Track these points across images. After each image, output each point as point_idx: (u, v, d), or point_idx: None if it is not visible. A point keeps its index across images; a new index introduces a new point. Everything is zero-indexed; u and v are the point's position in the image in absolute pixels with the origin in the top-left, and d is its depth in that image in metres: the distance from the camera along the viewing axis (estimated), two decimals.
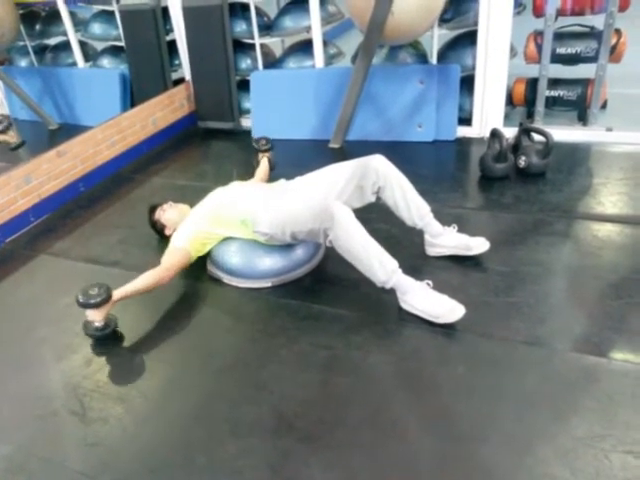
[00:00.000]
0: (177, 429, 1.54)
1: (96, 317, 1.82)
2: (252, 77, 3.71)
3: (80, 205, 3.03)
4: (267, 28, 3.75)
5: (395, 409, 1.52)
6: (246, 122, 3.88)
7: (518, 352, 1.66)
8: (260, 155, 2.79)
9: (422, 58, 3.43)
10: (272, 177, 2.51)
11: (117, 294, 1.85)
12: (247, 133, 3.74)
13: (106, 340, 1.89)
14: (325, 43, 3.59)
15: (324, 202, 1.88)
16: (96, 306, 1.79)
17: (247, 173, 2.68)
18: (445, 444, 1.40)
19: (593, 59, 3.00)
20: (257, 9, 3.63)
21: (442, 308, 1.76)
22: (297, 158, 3.30)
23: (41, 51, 4.78)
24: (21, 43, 4.71)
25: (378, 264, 1.78)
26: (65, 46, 4.54)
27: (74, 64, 4.49)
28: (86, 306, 1.79)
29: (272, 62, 3.88)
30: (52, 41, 4.77)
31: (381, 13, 2.83)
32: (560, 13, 3.00)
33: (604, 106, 3.31)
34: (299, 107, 3.60)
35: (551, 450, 1.34)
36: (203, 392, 1.65)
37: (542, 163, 2.68)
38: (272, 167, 2.77)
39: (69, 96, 4.48)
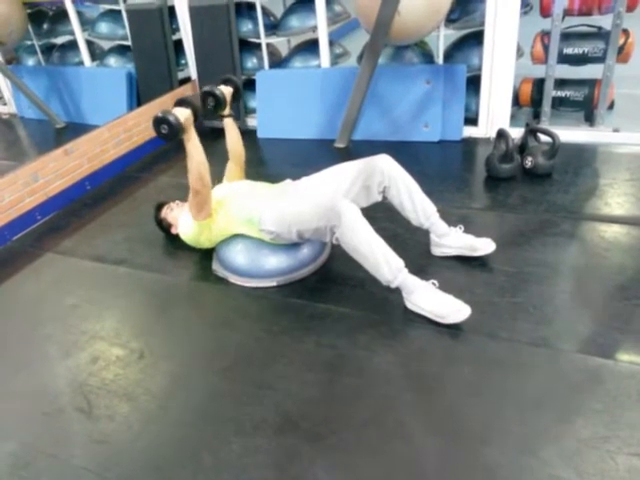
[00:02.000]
0: (182, 427, 1.54)
1: (183, 113, 1.92)
2: (258, 76, 3.72)
3: (86, 204, 3.04)
4: (273, 28, 3.75)
5: (400, 409, 1.52)
6: (252, 121, 3.89)
7: (523, 353, 1.65)
8: (219, 117, 2.40)
9: (428, 58, 3.42)
10: (275, 176, 2.46)
11: (193, 131, 1.99)
12: (253, 132, 3.75)
13: (111, 340, 1.90)
14: (331, 43, 3.59)
15: (331, 200, 1.88)
16: (192, 106, 1.95)
17: (252, 171, 2.66)
18: (450, 444, 1.40)
19: (600, 59, 2.99)
20: (263, 9, 3.63)
21: (448, 308, 1.76)
22: (303, 158, 3.31)
23: (48, 50, 4.81)
24: (29, 42, 4.74)
25: (384, 263, 1.78)
26: (72, 45, 4.56)
27: (81, 63, 4.52)
28: (185, 101, 1.96)
29: (278, 62, 3.88)
30: (59, 40, 4.79)
31: (387, 13, 2.83)
32: (567, 13, 2.98)
33: (611, 107, 3.30)
34: (305, 107, 3.60)
35: (556, 451, 1.34)
36: (208, 391, 1.66)
37: (548, 164, 2.67)
38: (238, 96, 2.40)
39: (76, 95, 4.50)
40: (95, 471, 1.43)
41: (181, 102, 2.00)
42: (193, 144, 1.99)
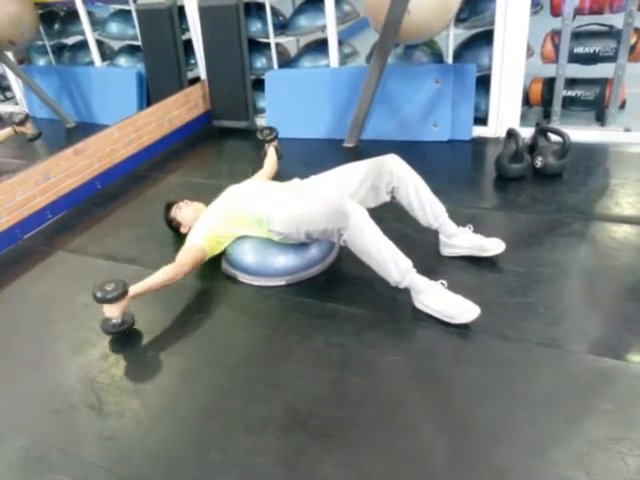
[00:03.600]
0: (191, 424, 1.55)
1: (113, 312, 1.84)
2: (267, 76, 3.73)
3: (96, 203, 3.06)
4: (282, 27, 3.76)
5: (409, 409, 1.52)
6: (261, 121, 3.90)
7: (533, 353, 1.65)
8: (266, 145, 2.86)
9: (438, 57, 3.41)
10: (282, 176, 2.51)
11: (133, 290, 1.87)
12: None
13: (123, 336, 1.91)
14: (340, 42, 3.60)
15: (339, 201, 1.88)
16: (112, 301, 1.81)
17: (260, 168, 2.68)
18: (459, 445, 1.40)
19: (612, 58, 2.96)
20: (272, 8, 3.64)
21: (457, 308, 1.76)
22: (311, 157, 3.31)
23: (59, 50, 4.85)
24: (40, 42, 4.78)
25: (392, 263, 1.78)
26: (83, 45, 4.60)
27: (91, 63, 4.55)
28: (103, 301, 1.81)
29: (287, 61, 3.89)
30: (70, 40, 4.83)
31: (397, 12, 2.82)
32: (578, 12, 2.97)
33: (622, 106, 3.27)
34: (313, 106, 3.60)
35: (566, 453, 1.34)
36: (217, 388, 1.66)
37: (559, 163, 2.66)
38: (279, 156, 2.85)
39: (86, 95, 4.54)
40: (105, 467, 1.44)
41: (100, 300, 1.82)
42: (145, 290, 1.90)
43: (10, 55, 4.45)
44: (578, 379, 1.55)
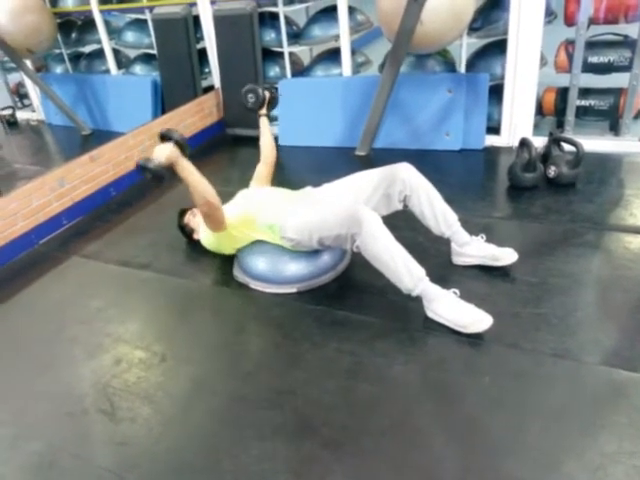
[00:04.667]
0: (202, 431, 1.56)
1: (162, 152, 1.84)
2: (280, 85, 3.76)
3: (111, 209, 3.10)
4: (296, 37, 3.79)
5: (420, 418, 1.51)
6: (273, 129, 3.91)
7: (546, 364, 1.63)
8: (257, 115, 2.58)
9: (450, 67, 3.42)
10: (297, 183, 2.48)
11: (185, 161, 1.91)
12: (274, 140, 3.77)
13: (135, 341, 1.93)
14: (353, 52, 3.62)
15: (352, 208, 1.89)
16: (178, 140, 1.86)
17: (274, 179, 2.69)
18: (470, 456, 1.39)
19: (626, 68, 2.95)
20: (286, 18, 3.67)
21: (469, 318, 1.75)
22: (323, 165, 3.33)
23: (76, 58, 4.94)
24: (57, 51, 4.87)
25: (405, 271, 1.78)
26: (99, 54, 4.68)
27: (107, 71, 4.63)
28: (170, 132, 1.86)
29: (300, 70, 3.92)
30: (87, 49, 4.92)
31: (410, 22, 2.84)
32: (592, 22, 2.96)
33: (637, 116, 3.25)
34: (326, 115, 3.62)
35: (579, 465, 1.32)
36: (229, 395, 1.67)
37: (572, 173, 2.64)
38: (274, 104, 2.62)
39: (102, 102, 4.61)
40: (116, 472, 1.45)
41: (163, 136, 1.93)
42: (188, 174, 1.93)
43: (28, 63, 4.54)
44: (592, 391, 1.53)
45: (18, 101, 5.44)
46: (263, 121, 2.58)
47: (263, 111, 2.56)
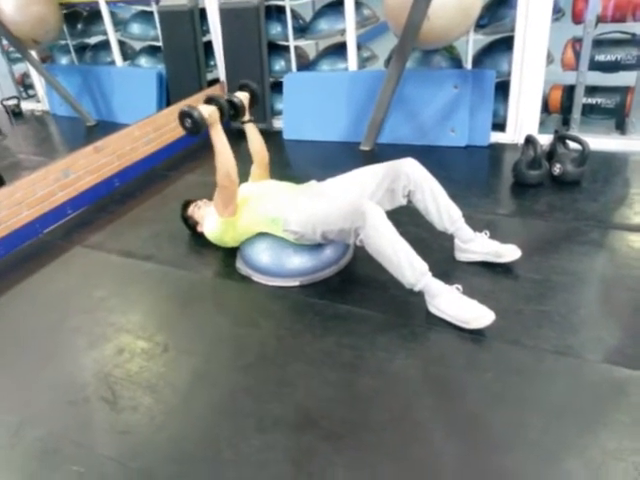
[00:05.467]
0: (204, 421, 1.56)
1: (207, 109, 2.02)
2: (285, 79, 3.75)
3: (115, 200, 3.10)
4: (302, 30, 3.78)
5: (420, 413, 1.52)
6: (278, 123, 3.92)
7: (548, 361, 1.63)
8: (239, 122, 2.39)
9: (457, 63, 3.41)
10: (301, 177, 2.47)
11: (219, 125, 2.08)
12: (279, 134, 3.78)
13: (138, 333, 1.94)
14: (359, 46, 3.61)
15: (356, 201, 1.89)
16: (220, 106, 2.06)
17: (278, 172, 2.68)
18: (470, 451, 1.39)
19: (634, 67, 2.93)
20: (293, 11, 3.66)
21: (471, 313, 1.75)
22: (328, 160, 3.33)
23: (81, 50, 4.93)
24: (63, 42, 4.86)
25: (408, 265, 1.78)
26: (105, 45, 4.67)
27: (113, 63, 4.62)
28: (214, 99, 2.07)
29: (306, 64, 3.91)
30: (92, 40, 4.92)
31: (417, 17, 2.83)
32: (600, 20, 2.94)
33: None
34: (331, 109, 3.62)
35: (580, 462, 1.32)
36: (230, 386, 1.67)
37: (577, 171, 2.63)
38: (256, 101, 2.38)
39: (107, 94, 4.61)
40: (118, 460, 1.46)
41: (209, 100, 2.09)
42: (219, 140, 2.07)
43: (34, 54, 4.54)
44: (593, 389, 1.53)
45: (23, 91, 5.44)
46: (249, 128, 2.43)
47: (245, 118, 2.36)
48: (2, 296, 2.28)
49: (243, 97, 2.27)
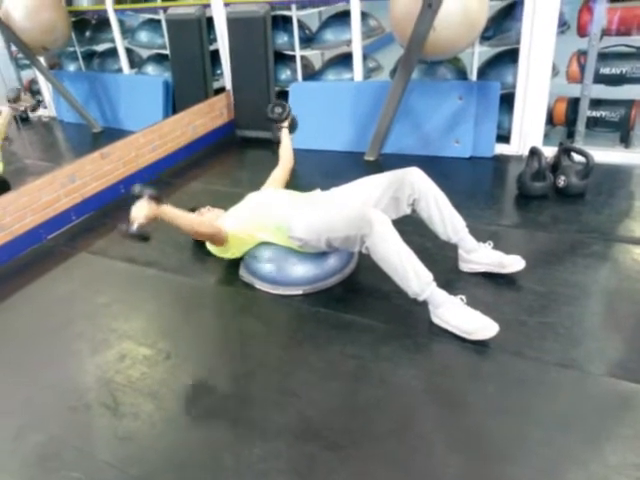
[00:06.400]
0: (205, 429, 1.56)
1: (141, 212, 1.78)
2: (291, 88, 3.77)
3: (120, 206, 3.10)
4: (308, 40, 3.81)
5: (423, 424, 1.51)
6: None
7: (551, 373, 1.62)
8: (277, 128, 2.69)
9: (461, 74, 3.42)
10: (305, 185, 2.49)
11: (165, 207, 1.86)
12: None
13: (140, 337, 1.93)
14: (364, 57, 3.63)
15: (362, 209, 1.90)
16: (151, 196, 1.79)
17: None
18: (472, 462, 1.38)
19: (638, 80, 2.94)
20: (299, 21, 3.69)
21: (475, 324, 1.75)
22: (332, 169, 3.33)
23: (89, 57, 4.97)
24: (71, 49, 4.90)
25: (413, 275, 1.78)
26: (112, 53, 4.70)
27: (120, 70, 4.65)
28: (141, 193, 1.79)
29: (311, 74, 3.94)
30: (100, 47, 4.95)
31: (423, 28, 2.84)
32: (605, 33, 2.95)
33: None
34: (336, 119, 3.63)
35: (583, 476, 1.31)
36: (232, 394, 1.67)
37: (582, 184, 2.64)
38: (294, 126, 2.74)
39: (114, 101, 4.64)
40: (118, 467, 1.45)
41: (136, 195, 1.84)
42: (171, 219, 1.90)
43: (42, 60, 4.58)
44: (596, 402, 1.52)
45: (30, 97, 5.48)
46: (284, 132, 2.70)
47: (285, 124, 2.68)
48: (5, 301, 2.29)
49: (285, 128, 2.69)
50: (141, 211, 1.78)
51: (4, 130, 3.38)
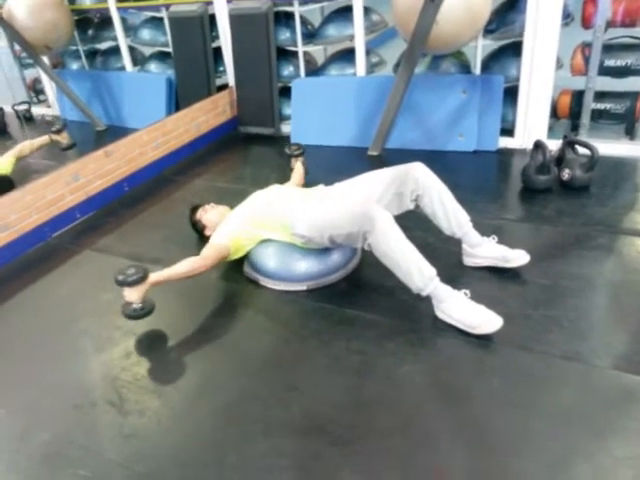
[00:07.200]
0: (210, 426, 1.56)
1: (132, 296, 1.84)
2: (294, 84, 3.76)
3: (124, 204, 3.12)
4: (310, 36, 3.80)
5: (427, 419, 1.51)
6: (286, 128, 3.93)
7: (556, 367, 1.62)
8: (293, 160, 2.83)
9: (465, 68, 3.40)
10: (307, 182, 2.53)
11: (154, 277, 1.87)
12: (287, 139, 3.78)
13: (145, 336, 1.94)
14: (367, 51, 3.61)
15: (365, 205, 1.89)
16: (132, 284, 1.81)
17: (284, 177, 2.72)
18: (477, 456, 1.38)
19: None
20: (301, 17, 3.68)
21: (479, 319, 1.74)
22: (336, 164, 3.33)
23: (92, 55, 4.98)
24: (74, 47, 4.91)
25: (416, 270, 1.77)
26: (115, 51, 4.71)
27: (123, 68, 4.66)
28: (123, 284, 1.82)
29: (314, 70, 3.92)
30: (103, 46, 4.96)
31: (426, 22, 2.83)
32: (610, 24, 2.93)
33: None
34: (339, 114, 3.62)
35: (589, 468, 1.31)
36: (237, 391, 1.67)
37: (586, 176, 2.62)
38: (306, 172, 2.81)
39: (117, 99, 4.64)
40: (124, 464, 1.46)
41: (120, 283, 1.83)
42: (164, 280, 1.91)
43: (45, 59, 4.59)
44: (602, 395, 1.52)
45: (34, 96, 5.50)
46: (299, 164, 2.80)
47: (301, 158, 2.81)
48: (10, 299, 2.30)
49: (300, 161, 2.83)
50: (132, 296, 1.84)
51: (33, 150, 3.47)
